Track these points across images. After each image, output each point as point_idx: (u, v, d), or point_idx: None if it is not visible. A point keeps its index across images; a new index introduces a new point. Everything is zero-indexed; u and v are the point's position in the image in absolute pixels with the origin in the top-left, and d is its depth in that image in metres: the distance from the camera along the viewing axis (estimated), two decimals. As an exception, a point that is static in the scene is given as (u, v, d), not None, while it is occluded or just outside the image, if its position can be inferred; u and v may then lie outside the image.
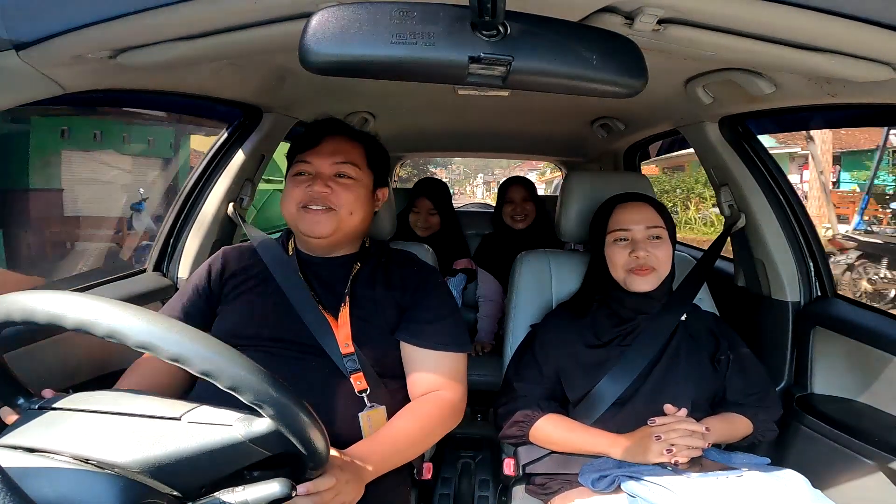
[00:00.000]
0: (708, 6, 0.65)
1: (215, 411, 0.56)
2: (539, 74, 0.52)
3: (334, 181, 0.95)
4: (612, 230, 1.07)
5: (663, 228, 1.05)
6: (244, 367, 0.52)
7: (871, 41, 0.66)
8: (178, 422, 0.55)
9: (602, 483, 0.90)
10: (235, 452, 0.54)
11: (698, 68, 1.06)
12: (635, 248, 1.03)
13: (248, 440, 0.54)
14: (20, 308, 0.52)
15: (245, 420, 0.55)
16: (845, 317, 1.19)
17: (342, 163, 0.96)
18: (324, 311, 0.93)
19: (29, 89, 0.73)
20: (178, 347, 0.50)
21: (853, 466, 1.03)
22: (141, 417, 0.55)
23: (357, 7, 0.48)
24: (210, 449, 0.53)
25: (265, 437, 0.54)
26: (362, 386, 0.89)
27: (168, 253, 1.42)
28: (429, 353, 0.95)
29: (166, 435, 0.53)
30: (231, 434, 0.54)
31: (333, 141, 0.97)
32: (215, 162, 1.42)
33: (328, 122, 1.02)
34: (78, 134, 5.98)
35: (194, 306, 0.99)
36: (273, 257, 1.01)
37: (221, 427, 0.54)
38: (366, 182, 0.99)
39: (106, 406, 0.57)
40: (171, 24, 0.69)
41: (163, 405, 0.57)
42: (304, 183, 0.94)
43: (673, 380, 1.01)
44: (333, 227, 0.94)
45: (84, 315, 0.50)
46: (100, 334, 0.50)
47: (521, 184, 2.22)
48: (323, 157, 0.95)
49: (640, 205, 1.07)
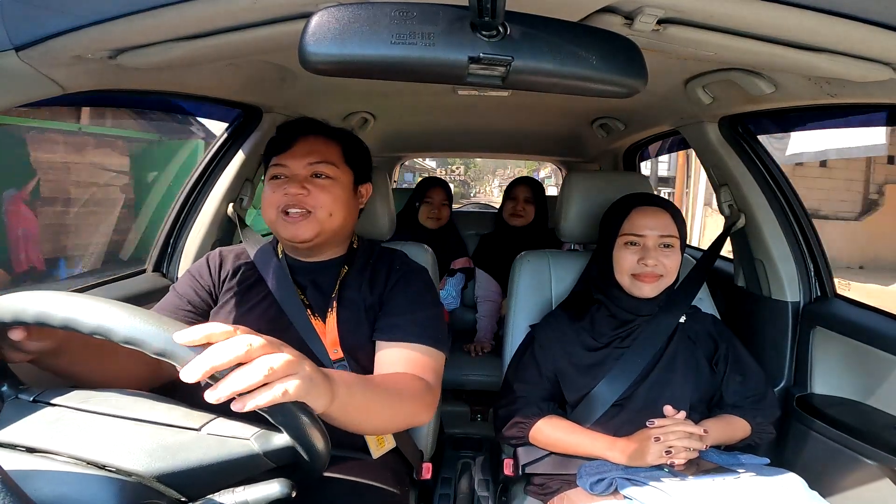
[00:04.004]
0: (708, 6, 0.65)
1: (234, 424, 0.56)
2: (539, 74, 0.52)
3: (310, 182, 0.93)
4: (624, 233, 1.04)
5: (676, 237, 1.04)
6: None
7: (871, 41, 0.66)
8: (198, 433, 0.55)
9: (600, 486, 0.90)
10: (248, 464, 0.55)
11: (698, 68, 1.06)
12: (645, 255, 1.01)
13: (263, 454, 0.54)
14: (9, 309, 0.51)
15: (263, 435, 0.55)
16: (845, 317, 1.19)
17: (317, 162, 0.94)
18: (311, 318, 0.92)
19: (29, 89, 0.73)
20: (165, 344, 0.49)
21: (853, 466, 1.03)
22: (160, 425, 0.55)
23: (357, 7, 0.48)
24: (225, 461, 0.53)
25: (281, 452, 0.55)
26: None
27: (168, 253, 1.42)
28: (397, 347, 0.88)
29: (186, 446, 0.53)
30: (249, 448, 0.54)
31: (307, 141, 0.95)
32: (215, 162, 1.42)
33: (300, 122, 0.99)
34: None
35: (191, 305, 0.98)
36: (265, 261, 1.00)
37: (240, 441, 0.55)
38: (344, 180, 0.97)
39: (119, 410, 0.57)
40: (170, 24, 0.69)
41: (181, 414, 0.57)
42: (281, 186, 0.92)
43: (671, 382, 1.01)
44: (315, 231, 0.92)
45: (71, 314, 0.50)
46: (86, 332, 0.50)
47: (527, 184, 2.23)
48: (297, 159, 0.93)
49: (658, 210, 1.05)
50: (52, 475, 0.49)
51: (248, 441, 0.55)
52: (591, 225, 1.25)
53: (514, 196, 2.20)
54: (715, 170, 1.40)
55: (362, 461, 0.88)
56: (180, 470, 0.51)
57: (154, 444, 0.53)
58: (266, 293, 0.96)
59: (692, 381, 1.02)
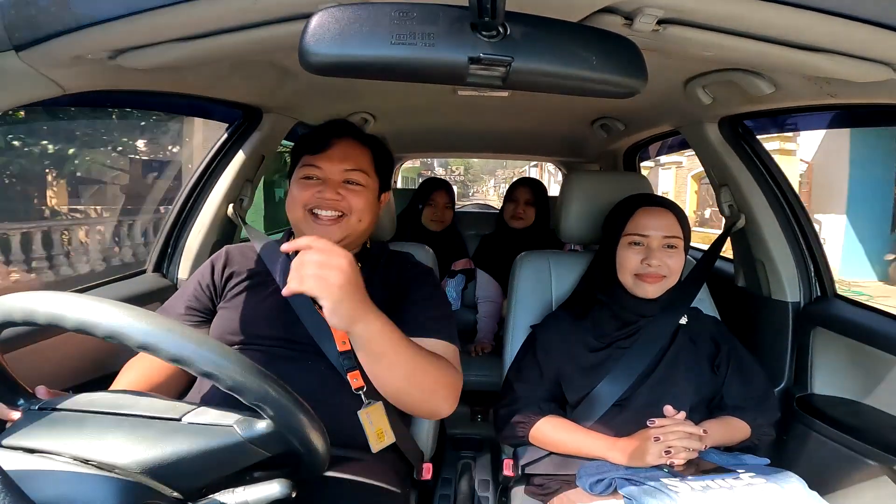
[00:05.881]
0: (708, 6, 0.65)
1: (215, 412, 0.56)
2: (539, 75, 0.52)
3: (344, 188, 0.94)
4: (628, 233, 1.05)
5: (680, 238, 1.04)
6: (245, 369, 0.52)
7: (871, 41, 0.66)
8: (178, 422, 0.55)
9: (599, 486, 0.90)
10: (235, 453, 0.54)
11: (698, 68, 1.06)
12: (649, 255, 1.02)
13: (248, 441, 0.54)
14: (21, 308, 0.51)
15: (245, 421, 0.55)
16: (845, 317, 1.19)
17: (352, 170, 0.95)
18: (321, 312, 0.93)
19: (29, 90, 0.73)
20: (180, 349, 0.50)
21: (853, 466, 1.03)
22: (141, 418, 0.55)
23: (357, 8, 0.48)
24: (210, 450, 0.53)
25: (265, 438, 0.54)
26: (359, 383, 0.89)
27: (168, 254, 1.42)
28: (423, 340, 0.90)
29: (166, 435, 0.53)
30: (231, 435, 0.54)
31: (343, 145, 0.96)
32: (215, 162, 1.42)
33: (338, 125, 1.00)
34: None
35: (197, 302, 0.99)
36: (274, 258, 1.01)
37: (222, 428, 0.54)
38: (373, 188, 0.99)
39: (106, 407, 0.57)
40: (170, 24, 0.69)
41: (163, 406, 0.57)
42: (314, 187, 0.94)
43: (672, 383, 1.01)
44: (343, 234, 0.94)
45: (85, 316, 0.50)
46: (101, 335, 0.50)
47: (528, 185, 2.23)
48: (333, 163, 0.94)
49: (662, 211, 1.05)
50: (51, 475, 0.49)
51: (230, 427, 0.54)
52: (591, 225, 1.25)
53: (514, 198, 2.19)
54: (715, 170, 1.40)
55: (363, 461, 0.88)
56: (165, 461, 0.51)
57: (136, 436, 0.53)
58: (274, 288, 0.96)
59: (693, 382, 1.02)
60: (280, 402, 0.53)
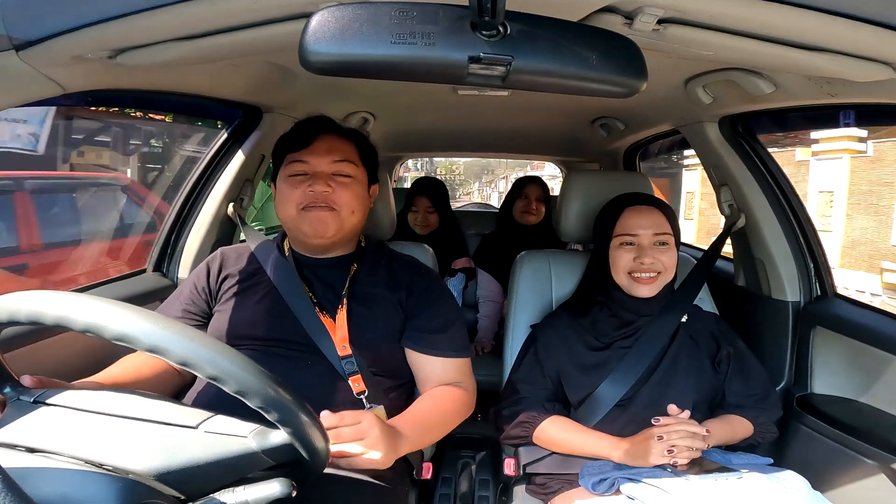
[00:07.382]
0: (708, 6, 0.65)
1: (231, 421, 0.56)
2: (539, 74, 0.52)
3: (333, 180, 0.93)
4: (619, 234, 1.05)
5: (670, 234, 1.04)
6: (251, 374, 0.52)
7: (871, 41, 0.66)
8: (195, 430, 0.55)
9: (602, 486, 0.90)
10: (247, 462, 0.55)
11: (698, 68, 1.06)
12: (641, 254, 1.02)
13: (261, 451, 0.54)
14: (27, 309, 0.51)
15: (261, 432, 0.55)
16: (845, 316, 1.19)
17: (340, 161, 0.95)
18: (320, 314, 0.93)
19: (29, 89, 0.73)
20: (187, 352, 0.50)
21: (853, 466, 1.03)
22: (157, 424, 0.55)
23: (357, 7, 0.48)
24: (223, 459, 0.53)
25: (279, 449, 0.55)
26: (360, 388, 0.89)
27: (168, 253, 1.42)
28: (438, 360, 0.96)
29: (183, 444, 0.53)
30: (246, 445, 0.54)
31: (327, 139, 0.96)
32: (215, 162, 1.42)
33: (319, 120, 1.00)
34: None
35: (194, 305, 0.99)
36: (270, 259, 1.00)
37: (237, 438, 0.55)
38: (362, 179, 0.98)
39: (117, 409, 0.56)
40: (170, 24, 0.69)
41: (178, 412, 0.57)
42: (303, 183, 0.93)
43: (674, 382, 1.01)
44: (337, 227, 0.93)
45: (94, 318, 0.50)
46: (109, 338, 0.50)
47: (538, 183, 2.25)
48: (320, 156, 0.94)
49: (650, 209, 1.05)
50: (52, 474, 0.49)
51: (245, 438, 0.54)
52: (591, 225, 1.25)
53: (525, 195, 2.20)
54: (715, 170, 1.40)
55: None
56: (179, 468, 0.51)
57: (152, 442, 0.53)
58: (270, 288, 0.96)
59: (695, 381, 1.02)
60: (285, 406, 0.53)
